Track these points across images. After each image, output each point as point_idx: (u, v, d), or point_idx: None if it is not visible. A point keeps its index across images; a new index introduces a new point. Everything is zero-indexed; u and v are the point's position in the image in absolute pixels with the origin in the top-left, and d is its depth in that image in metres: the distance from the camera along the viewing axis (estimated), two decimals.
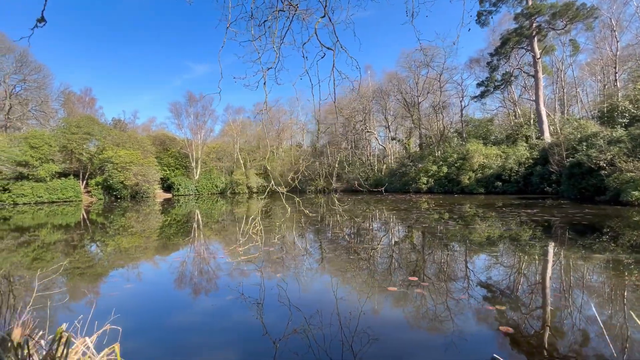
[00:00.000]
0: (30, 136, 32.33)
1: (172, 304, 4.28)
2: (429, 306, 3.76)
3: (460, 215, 12.78)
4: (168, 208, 25.05)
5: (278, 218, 14.07)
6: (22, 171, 30.81)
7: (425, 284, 4.50)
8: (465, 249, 6.83)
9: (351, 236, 9.15)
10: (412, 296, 4.06)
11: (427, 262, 5.96)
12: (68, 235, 11.72)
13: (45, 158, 32.64)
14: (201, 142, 50.05)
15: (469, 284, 4.56)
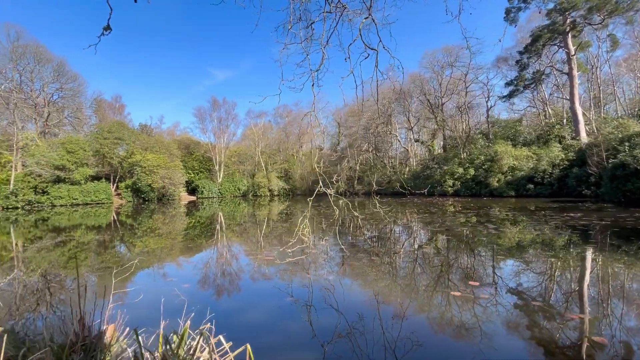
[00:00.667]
0: (67, 141, 34.09)
1: (232, 305, 4.29)
2: (493, 313, 3.56)
3: (499, 217, 12.29)
4: (195, 210, 25.62)
5: (321, 220, 13.99)
6: (60, 175, 32.49)
7: (487, 289, 4.28)
8: (517, 254, 6.50)
9: (391, 239, 8.97)
10: (477, 302, 3.87)
11: (480, 266, 5.71)
12: (108, 235, 12.16)
13: (80, 162, 34.31)
14: (224, 145, 51.12)
15: (537, 291, 4.30)
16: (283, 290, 4.78)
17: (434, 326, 3.36)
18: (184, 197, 44.50)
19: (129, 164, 39.95)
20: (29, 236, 13.21)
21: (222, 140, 51.22)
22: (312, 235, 9.42)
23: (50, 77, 38.49)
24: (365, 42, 4.65)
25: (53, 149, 32.72)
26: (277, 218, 17.05)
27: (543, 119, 33.14)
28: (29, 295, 4.90)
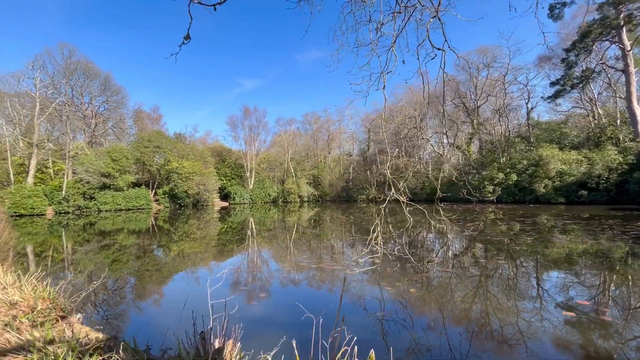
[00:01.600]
0: (112, 150, 36.21)
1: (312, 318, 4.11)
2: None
3: (562, 228, 11.36)
4: (228, 216, 26.12)
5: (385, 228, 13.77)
6: (105, 181, 34.49)
7: (605, 309, 3.79)
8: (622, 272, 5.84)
9: (449, 250, 8.49)
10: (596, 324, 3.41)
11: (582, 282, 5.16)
12: (155, 239, 12.55)
13: (123, 169, 36.26)
14: (255, 152, 52.18)
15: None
16: (357, 303, 4.54)
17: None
18: (217, 202, 45.71)
19: (166, 171, 41.72)
20: (78, 239, 13.97)
21: (253, 148, 52.34)
22: (379, 245, 9.13)
23: (97, 90, 41.33)
24: (432, 43, 4.46)
25: (99, 157, 34.85)
26: (308, 224, 16.92)
27: (592, 119, 30.84)
28: (123, 302, 4.99)
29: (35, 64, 32.76)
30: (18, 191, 28.47)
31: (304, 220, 19.45)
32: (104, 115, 44.12)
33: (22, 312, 3.32)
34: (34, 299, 3.55)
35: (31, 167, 31.48)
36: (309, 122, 61.22)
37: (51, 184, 33.54)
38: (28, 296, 3.60)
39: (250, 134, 52.68)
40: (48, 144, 34.00)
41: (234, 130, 53.79)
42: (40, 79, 33.13)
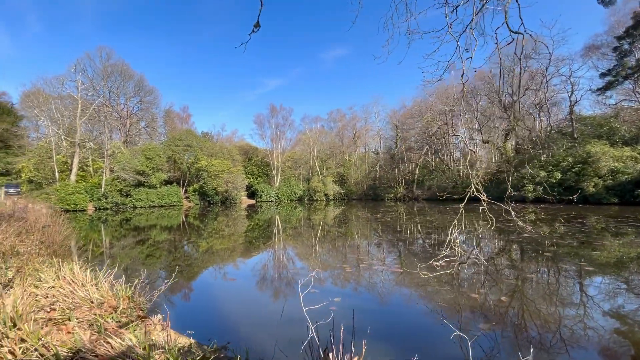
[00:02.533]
0: (146, 149, 37.51)
1: (407, 326, 3.74)
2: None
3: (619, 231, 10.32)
4: (255, 214, 26.26)
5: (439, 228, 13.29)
6: (140, 179, 35.79)
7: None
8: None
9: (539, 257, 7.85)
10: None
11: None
12: (188, 234, 12.65)
13: (156, 167, 37.48)
14: (281, 151, 52.49)
15: None
16: (436, 311, 4.12)
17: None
18: (244, 200, 46.37)
19: (195, 169, 42.79)
20: (116, 234, 14.38)
21: (279, 146, 52.65)
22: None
23: (132, 91, 42.97)
24: (509, 26, 4.05)
25: (134, 155, 36.19)
26: (334, 223, 16.54)
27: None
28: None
29: (77, 67, 34.46)
30: (62, 188, 30.09)
31: (326, 219, 19.12)
32: (137, 115, 45.84)
33: (105, 311, 3.19)
34: (114, 297, 3.42)
35: (74, 165, 33.18)
36: (333, 119, 60.86)
37: (91, 181, 35.26)
38: (106, 294, 3.48)
39: (277, 132, 53.05)
40: (89, 143, 35.73)
41: (261, 129, 54.39)
42: (82, 82, 34.82)
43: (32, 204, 18.44)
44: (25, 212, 10.13)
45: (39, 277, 3.68)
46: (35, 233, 6.24)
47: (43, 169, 33.30)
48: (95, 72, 37.85)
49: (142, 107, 45.06)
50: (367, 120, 56.27)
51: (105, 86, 38.98)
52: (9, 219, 8.71)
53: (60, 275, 3.66)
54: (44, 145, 34.63)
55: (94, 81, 37.37)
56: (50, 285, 3.45)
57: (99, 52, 38.11)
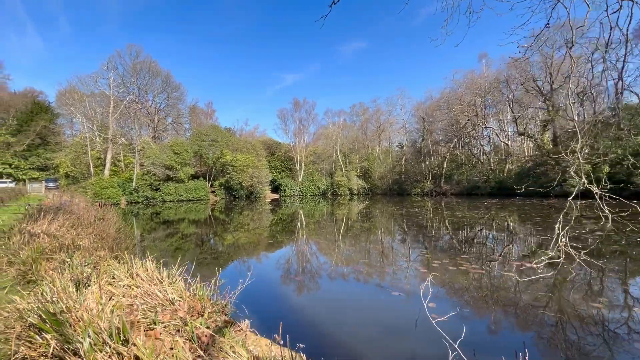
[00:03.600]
0: (174, 144, 38.23)
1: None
2: None
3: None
4: (278, 208, 26.08)
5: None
6: (169, 174, 36.57)
7: None
8: None
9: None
10: None
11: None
12: (218, 228, 12.50)
13: (184, 162, 38.16)
14: (304, 145, 52.22)
15: None
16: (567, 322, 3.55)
17: None
18: (268, 195, 46.54)
19: (220, 163, 43.28)
20: (147, 227, 14.51)
21: (303, 140, 52.39)
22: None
23: (159, 88, 43.86)
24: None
25: (163, 151, 36.97)
26: (360, 218, 15.96)
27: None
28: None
29: (109, 65, 35.43)
30: (98, 182, 31.19)
31: (350, 215, 18.57)
32: (164, 111, 46.82)
33: (191, 316, 2.85)
34: (194, 298, 3.10)
35: (107, 161, 34.31)
36: (356, 113, 59.88)
37: (122, 176, 36.38)
38: (184, 294, 3.16)
39: (300, 127, 52.75)
40: (121, 138, 36.80)
41: (284, 123, 54.26)
42: (113, 79, 35.80)
43: (74, 198, 19.07)
44: (71, 205, 10.24)
45: (112, 274, 3.42)
46: (88, 226, 6.13)
47: (79, 164, 34.67)
48: (126, 69, 38.86)
49: (169, 103, 45.96)
50: (391, 113, 54.92)
51: (135, 83, 39.93)
52: (56, 211, 8.77)
53: (133, 273, 3.39)
54: (79, 141, 36.01)
55: (124, 78, 38.35)
56: (125, 283, 3.17)
57: (128, 50, 39.07)
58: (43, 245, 4.36)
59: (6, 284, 4.09)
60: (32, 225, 6.16)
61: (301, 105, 52.78)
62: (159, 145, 39.16)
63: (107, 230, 5.82)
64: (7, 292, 3.86)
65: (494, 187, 33.48)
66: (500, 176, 34.07)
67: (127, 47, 39.21)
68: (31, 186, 33.22)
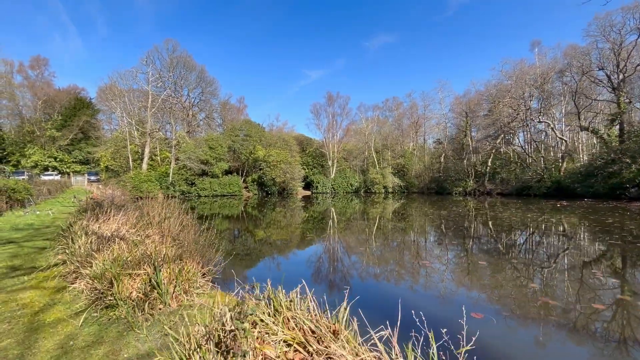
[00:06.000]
0: (209, 139, 38.05)
1: None
2: None
3: None
4: (310, 205, 24.77)
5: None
6: (204, 168, 36.42)
7: None
8: None
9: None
10: None
11: None
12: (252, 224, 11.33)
13: (219, 157, 37.90)
14: (337, 141, 50.74)
15: None
16: None
17: None
18: (300, 191, 45.61)
19: (253, 159, 42.78)
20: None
21: (336, 136, 50.93)
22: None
23: (194, 82, 43.87)
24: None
25: (199, 145, 36.85)
26: (398, 222, 14.18)
27: None
28: None
29: (147, 60, 35.62)
30: (136, 176, 31.40)
31: (388, 217, 16.83)
32: (198, 106, 46.92)
33: None
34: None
35: (145, 155, 34.57)
36: (389, 108, 57.45)
37: (159, 170, 36.62)
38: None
39: (333, 122, 51.26)
40: (159, 133, 37.04)
41: (317, 118, 52.92)
42: (152, 73, 35.98)
43: (116, 190, 18.81)
44: (124, 199, 9.45)
45: (253, 319, 2.15)
46: (158, 226, 5.07)
47: (118, 158, 35.21)
48: (163, 64, 39.02)
49: (203, 98, 45.95)
50: (428, 107, 52.10)
51: (171, 77, 40.05)
52: (110, 206, 7.90)
53: (284, 317, 2.10)
54: (119, 135, 36.58)
55: (161, 72, 38.51)
56: (280, 337, 1.88)
57: (165, 45, 39.21)
58: (122, 255, 3.24)
59: (79, 308, 2.98)
60: (94, 222, 5.19)
61: (334, 100, 51.28)
62: (195, 140, 39.14)
63: (188, 235, 4.69)
64: (83, 323, 2.73)
65: (549, 187, 30.50)
66: (557, 175, 30.97)
67: (165, 42, 39.42)
68: (75, 179, 34.14)
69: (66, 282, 3.72)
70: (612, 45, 29.50)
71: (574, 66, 31.60)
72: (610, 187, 24.85)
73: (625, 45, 29.20)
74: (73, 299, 3.19)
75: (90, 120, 43.15)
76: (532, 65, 37.75)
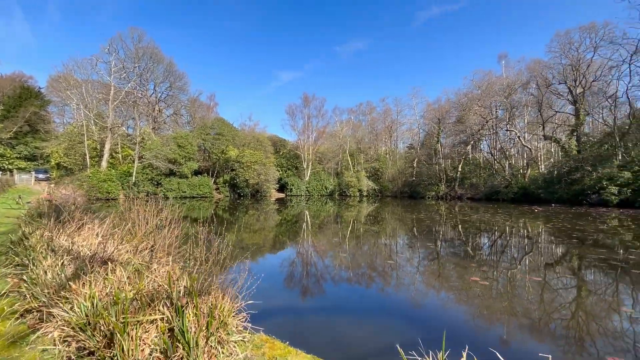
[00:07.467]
0: (178, 136, 35.53)
1: None
2: None
3: None
4: (284, 208, 23.91)
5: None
6: (172, 168, 33.87)
7: None
8: None
9: None
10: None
11: None
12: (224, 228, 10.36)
13: (188, 156, 35.49)
14: (312, 143, 49.96)
15: None
16: None
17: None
18: (274, 193, 44.20)
19: (225, 159, 40.72)
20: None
21: (311, 138, 50.15)
22: None
23: (161, 76, 40.89)
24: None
25: (166, 143, 34.24)
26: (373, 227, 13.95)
27: None
28: None
29: (110, 48, 32.52)
30: (95, 175, 28.34)
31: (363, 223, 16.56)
32: (165, 102, 43.88)
33: None
34: None
35: (105, 151, 31.43)
36: (363, 112, 57.80)
37: (120, 169, 33.49)
38: None
39: (309, 123, 50.45)
40: (121, 128, 33.93)
41: (293, 119, 51.81)
42: (114, 63, 32.90)
43: (76, 191, 16.49)
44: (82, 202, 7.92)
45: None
46: (149, 238, 3.93)
47: (73, 155, 31.67)
48: (127, 55, 35.88)
49: (171, 93, 43.00)
50: (400, 113, 53.11)
51: (136, 69, 36.97)
52: (76, 211, 6.50)
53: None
54: (74, 129, 32.96)
55: (125, 63, 35.37)
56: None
57: (130, 33, 36.09)
58: (123, 289, 2.19)
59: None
60: (60, 233, 3.92)
61: (310, 101, 50.54)
62: (162, 137, 36.39)
63: (200, 252, 3.58)
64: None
65: (516, 192, 31.99)
66: (523, 181, 32.62)
67: (130, 30, 36.26)
68: (19, 177, 30.15)
69: (24, 325, 2.57)
70: (571, 61, 31.68)
71: (539, 79, 33.60)
72: (573, 193, 26.49)
73: (585, 61, 31.49)
74: (40, 358, 2.08)
75: (39, 111, 38.53)
76: (499, 77, 39.79)
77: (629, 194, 23.14)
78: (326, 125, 53.77)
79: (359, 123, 56.53)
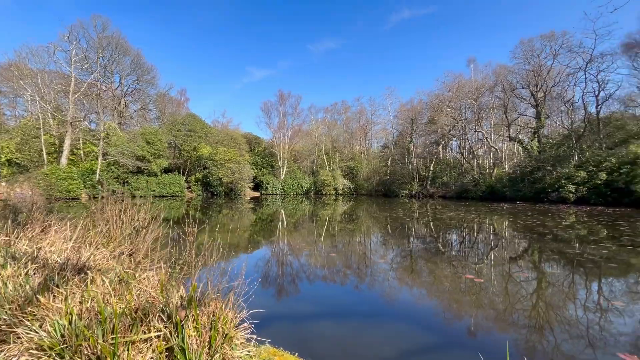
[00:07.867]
0: (146, 132, 33.73)
1: None
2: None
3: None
4: (259, 207, 23.60)
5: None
6: (140, 165, 32.10)
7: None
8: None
9: None
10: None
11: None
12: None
13: (158, 153, 33.81)
14: (288, 141, 49.43)
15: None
16: None
17: None
18: (249, 192, 43.30)
19: (197, 156, 39.28)
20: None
21: (286, 136, 49.57)
22: None
23: (128, 68, 38.60)
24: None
25: (133, 139, 32.40)
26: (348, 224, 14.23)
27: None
28: None
29: (70, 36, 30.12)
30: (53, 172, 26.19)
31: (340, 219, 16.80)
32: (132, 95, 41.50)
33: None
34: None
35: (65, 147, 29.15)
36: (338, 111, 58.13)
37: (82, 166, 31.22)
38: None
39: (284, 121, 49.85)
40: (83, 122, 31.60)
41: (268, 117, 50.96)
42: (75, 53, 30.54)
43: (28, 190, 15.04)
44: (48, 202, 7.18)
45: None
46: (127, 242, 3.54)
47: (27, 150, 29.05)
48: (90, 44, 33.47)
49: (138, 86, 40.70)
50: (375, 112, 53.95)
51: (100, 60, 34.60)
52: (37, 211, 5.91)
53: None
54: (29, 123, 30.23)
55: (87, 53, 32.96)
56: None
57: (93, 21, 33.64)
58: (109, 301, 1.88)
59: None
60: (19, 238, 3.43)
61: (286, 99, 49.98)
62: (128, 133, 34.35)
63: (189, 256, 3.25)
64: None
65: (485, 191, 33.55)
66: (490, 180, 34.26)
67: (92, 17, 33.79)
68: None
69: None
70: (533, 67, 33.68)
71: (504, 83, 35.43)
72: (535, 191, 28.19)
73: (545, 67, 33.56)
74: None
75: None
76: (469, 80, 41.56)
77: (584, 191, 24.96)
78: (302, 123, 53.51)
79: (334, 122, 56.79)
